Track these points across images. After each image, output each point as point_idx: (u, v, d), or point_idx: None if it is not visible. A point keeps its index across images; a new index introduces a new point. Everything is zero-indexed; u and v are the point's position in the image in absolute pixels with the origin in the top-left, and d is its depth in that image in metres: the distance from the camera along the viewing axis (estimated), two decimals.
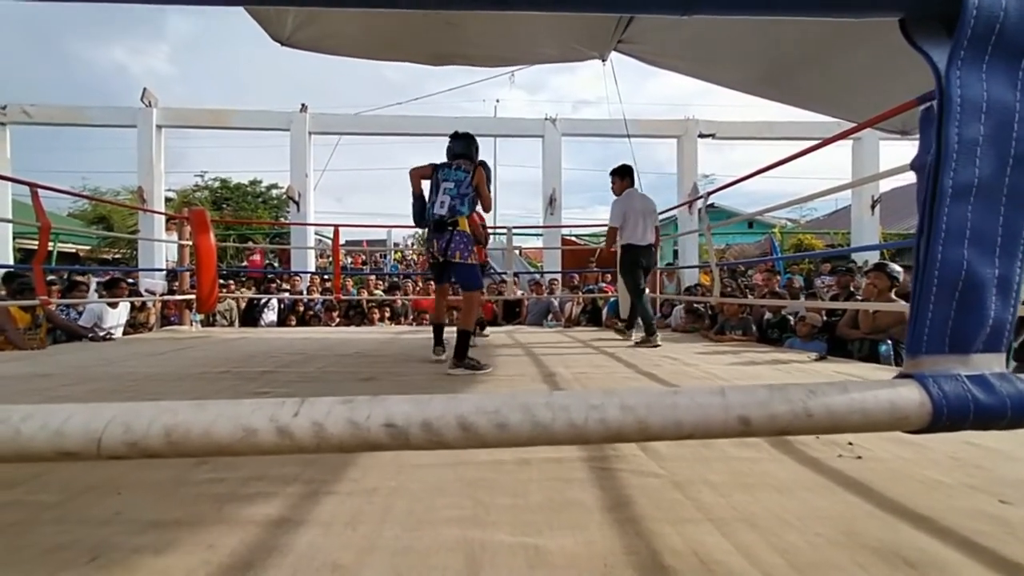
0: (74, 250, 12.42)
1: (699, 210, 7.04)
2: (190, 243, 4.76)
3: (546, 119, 8.84)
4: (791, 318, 4.35)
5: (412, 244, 16.75)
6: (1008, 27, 0.26)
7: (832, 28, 2.63)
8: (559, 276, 6.97)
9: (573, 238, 11.13)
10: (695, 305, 4.88)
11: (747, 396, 0.27)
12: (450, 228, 2.60)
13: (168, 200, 12.08)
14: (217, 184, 18.47)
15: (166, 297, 5.38)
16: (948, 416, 0.27)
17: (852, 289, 4.81)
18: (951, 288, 0.28)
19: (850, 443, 1.39)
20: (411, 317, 6.25)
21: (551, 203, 8.58)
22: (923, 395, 0.28)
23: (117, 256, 13.04)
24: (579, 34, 4.01)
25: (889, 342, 3.69)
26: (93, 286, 5.11)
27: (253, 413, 0.24)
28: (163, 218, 8.32)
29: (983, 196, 0.28)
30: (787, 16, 0.28)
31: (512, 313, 6.05)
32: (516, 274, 6.47)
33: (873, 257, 6.69)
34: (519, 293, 6.28)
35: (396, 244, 16.36)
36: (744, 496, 1.04)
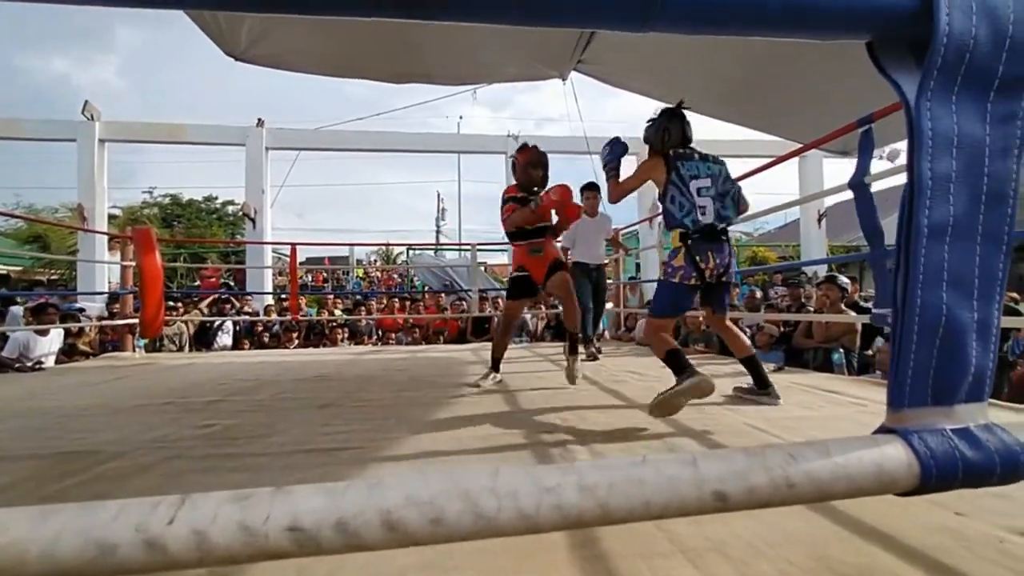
0: (4, 271, 11.54)
1: (659, 225, 7.20)
2: (134, 264, 4.49)
3: (508, 136, 8.92)
4: (748, 330, 4.47)
5: (375, 261, 16.46)
6: (978, 57, 0.25)
7: (780, 57, 2.77)
8: None
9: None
10: None
11: (722, 465, 0.23)
12: (724, 239, 1.97)
13: (113, 218, 11.45)
14: (168, 200, 17.69)
15: (105, 322, 5.03)
16: (937, 476, 0.25)
17: (804, 300, 5.00)
18: (932, 334, 0.26)
19: None
20: (375, 337, 6.08)
21: None
22: (909, 454, 0.25)
23: (54, 277, 12.21)
24: (539, 53, 4.07)
25: (841, 350, 3.85)
26: (19, 312, 4.71)
27: (114, 521, 0.19)
28: (105, 237, 7.84)
29: (959, 235, 0.26)
30: (749, 35, 0.26)
31: (481, 329, 5.98)
32: (482, 291, 6.41)
33: (821, 268, 7.01)
34: (487, 310, 6.21)
35: (359, 260, 16.02)
36: (717, 524, 1.02)
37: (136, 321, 4.36)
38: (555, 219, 2.63)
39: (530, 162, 2.58)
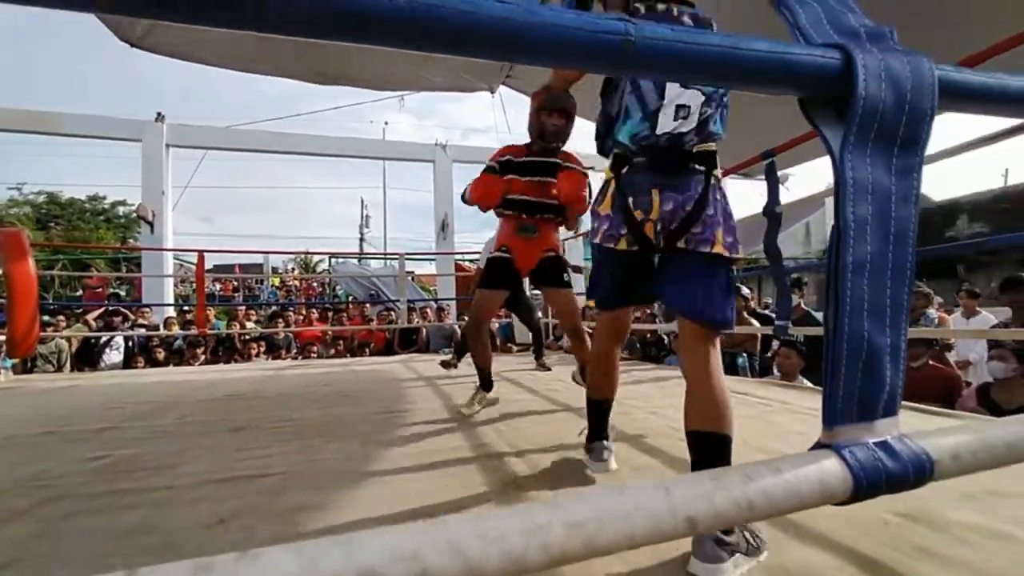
0: None
1: (585, 234, 7.48)
2: None
3: (436, 144, 8.85)
4: (666, 337, 4.77)
5: (293, 269, 15.54)
6: (886, 117, 0.29)
7: None
8: (454, 302, 6.93)
9: (467, 264, 11.15)
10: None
11: (690, 490, 0.25)
12: (698, 166, 1.08)
13: None
14: (43, 198, 15.53)
15: None
16: (867, 487, 0.28)
17: None
18: (857, 359, 0.30)
19: None
20: (294, 350, 5.72)
21: (443, 228, 8.55)
22: (843, 468, 0.28)
23: None
24: (469, 66, 4.10)
25: (744, 355, 4.22)
26: None
27: None
28: None
29: (874, 271, 0.30)
30: (705, 82, 0.29)
31: (408, 341, 5.83)
32: (411, 301, 6.27)
33: None
34: (416, 321, 6.08)
35: (275, 268, 15.02)
36: None
37: (2, 338, 3.76)
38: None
39: (542, 107, 1.99)
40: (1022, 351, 3.14)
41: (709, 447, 0.97)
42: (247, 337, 5.50)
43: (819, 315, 5.49)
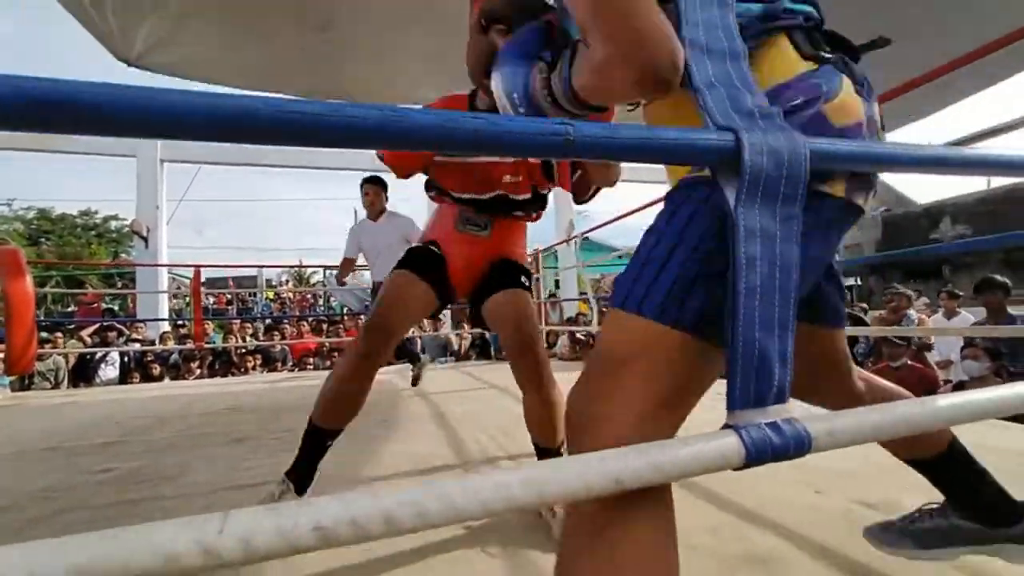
0: None
1: (575, 243, 7.58)
2: None
3: None
4: None
5: (287, 281, 15.54)
6: (768, 181, 0.39)
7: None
8: (448, 310, 6.99)
9: None
10: (577, 335, 5.23)
11: (619, 460, 0.34)
12: None
13: None
14: (33, 214, 15.47)
15: None
16: (756, 457, 0.38)
17: None
18: (750, 361, 0.39)
19: None
20: (290, 363, 5.76)
21: None
22: (739, 443, 0.38)
23: None
24: (458, 80, 4.21)
25: None
26: None
27: (175, 537, 0.25)
28: None
29: (764, 294, 0.39)
30: (633, 161, 0.38)
31: (403, 352, 5.88)
32: None
33: None
34: (412, 332, 6.14)
35: (268, 281, 15.01)
36: None
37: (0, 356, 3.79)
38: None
39: (489, 18, 0.93)
40: (995, 349, 3.27)
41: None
42: (243, 351, 5.54)
43: None
